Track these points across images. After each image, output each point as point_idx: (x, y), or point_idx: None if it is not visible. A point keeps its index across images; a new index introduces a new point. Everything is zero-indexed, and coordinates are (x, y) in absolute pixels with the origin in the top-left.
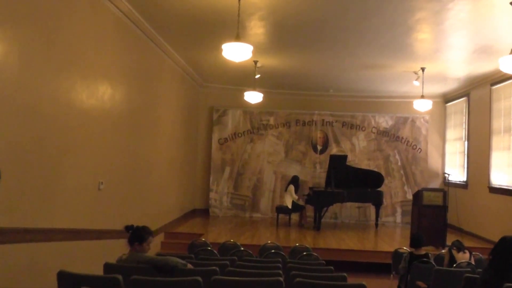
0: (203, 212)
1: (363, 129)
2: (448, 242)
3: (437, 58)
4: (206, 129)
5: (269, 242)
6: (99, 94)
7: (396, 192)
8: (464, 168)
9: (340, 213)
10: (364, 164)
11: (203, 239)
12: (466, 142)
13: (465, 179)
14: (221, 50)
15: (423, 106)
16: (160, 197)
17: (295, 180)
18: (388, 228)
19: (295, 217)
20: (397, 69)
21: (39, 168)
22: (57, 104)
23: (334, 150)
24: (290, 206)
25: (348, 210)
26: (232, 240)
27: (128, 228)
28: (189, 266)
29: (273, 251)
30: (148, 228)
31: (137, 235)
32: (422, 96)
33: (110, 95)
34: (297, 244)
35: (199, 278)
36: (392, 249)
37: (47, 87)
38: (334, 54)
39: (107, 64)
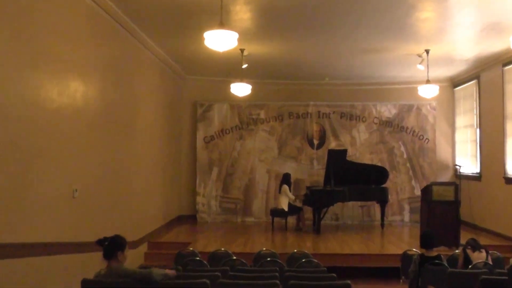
0: (190, 218)
1: (364, 120)
2: (462, 241)
3: (442, 38)
4: (190, 126)
5: (264, 249)
6: (71, 91)
7: (403, 188)
8: (476, 158)
9: (341, 213)
10: (366, 159)
11: (191, 249)
12: (478, 129)
13: (478, 170)
14: (203, 39)
15: (429, 91)
16: (141, 203)
17: (286, 178)
18: (395, 228)
19: (292, 220)
20: (399, 52)
21: (5, 175)
22: (24, 103)
23: (332, 144)
24: (286, 209)
25: (350, 210)
26: (223, 249)
27: (102, 241)
28: (172, 272)
29: (268, 259)
30: (122, 236)
31: (114, 245)
32: (428, 81)
33: (83, 92)
34: (295, 250)
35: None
36: (400, 251)
37: (12, 84)
38: (329, 38)
39: (79, 58)
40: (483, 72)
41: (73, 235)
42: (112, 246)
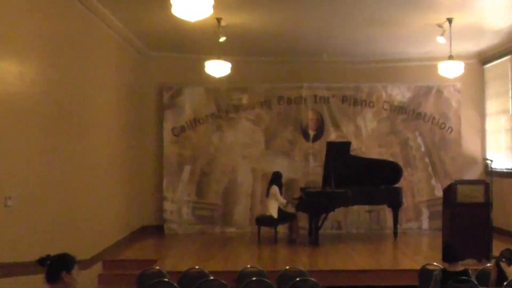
0: (156, 230)
1: (371, 105)
2: (495, 252)
3: (469, 4)
4: (155, 115)
5: (249, 266)
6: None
7: (420, 188)
8: None
9: (344, 220)
10: (375, 153)
11: (158, 268)
12: None
13: None
14: (170, 6)
15: (452, 70)
16: (95, 212)
17: (276, 178)
18: (411, 238)
19: (283, 230)
20: (415, 23)
21: None
22: None
23: (332, 135)
24: (275, 215)
25: (355, 216)
26: (197, 267)
27: (43, 260)
28: None
29: (254, 278)
30: (69, 254)
31: (58, 264)
32: (451, 57)
33: (17, 75)
34: (287, 267)
35: None
36: (418, 266)
37: None
38: (327, 6)
39: (12, 33)
40: None
41: (6, 253)
42: (55, 266)
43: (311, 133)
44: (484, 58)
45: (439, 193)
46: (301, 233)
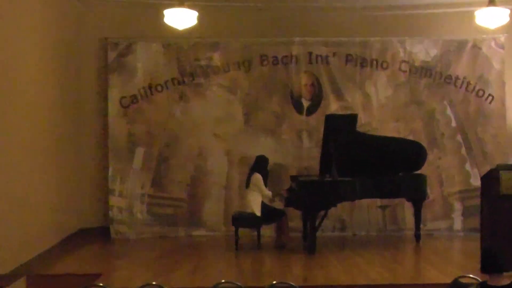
0: (100, 234)
1: (385, 66)
2: None
3: None
4: (97, 81)
5: (223, 281)
6: None
7: (451, 176)
8: None
9: (350, 219)
10: (390, 129)
11: (101, 285)
12: None
13: None
14: None
15: (493, 19)
16: (16, 212)
17: (260, 164)
18: (438, 241)
19: (269, 232)
20: None
21: None
22: None
23: (332, 107)
24: (258, 213)
25: (364, 213)
26: (155, 283)
27: None
28: None
29: None
30: None
31: None
32: (492, 2)
33: None
34: (274, 282)
35: None
36: (448, 280)
37: None
38: None
39: None
40: None
41: None
42: None
43: (305, 103)
44: None
45: (475, 182)
46: (293, 236)
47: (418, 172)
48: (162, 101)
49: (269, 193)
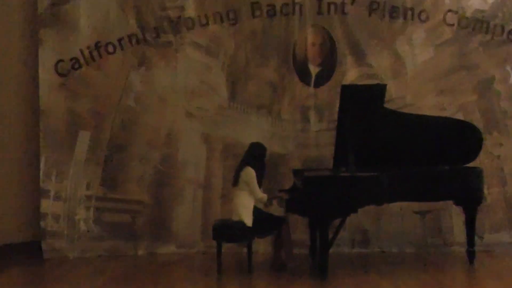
0: (28, 251)
1: (424, 17)
2: None
3: None
4: (24, 39)
5: None
6: None
7: None
8: None
9: (375, 230)
10: (430, 105)
11: None
12: None
13: None
14: None
15: None
16: None
17: (255, 155)
18: (500, 261)
19: (263, 246)
20: None
21: None
22: None
23: (351, 74)
24: (249, 221)
25: (395, 221)
26: None
27: None
28: None
29: None
30: None
31: None
32: None
33: None
34: None
35: None
36: None
37: None
38: None
39: None
40: None
41: None
42: None
43: (313, 70)
44: None
45: None
46: (296, 254)
47: (471, 164)
48: (115, 66)
49: (263, 195)
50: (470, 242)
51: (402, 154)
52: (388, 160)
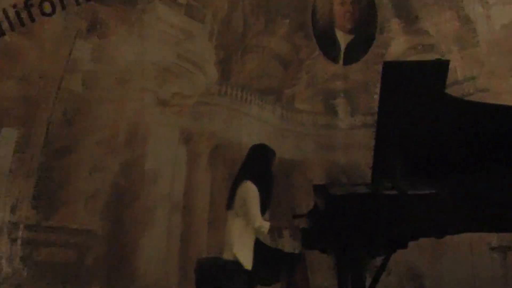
0: None
1: None
2: None
3: None
4: None
5: None
6: None
7: None
8: None
9: (433, 273)
10: None
11: None
12: None
13: None
14: None
15: None
16: None
17: (257, 163)
18: None
19: None
20: None
21: None
22: None
23: (397, 45)
24: (246, 261)
25: (461, 261)
26: None
27: None
28: None
29: None
30: None
31: None
32: None
33: None
34: None
35: None
36: None
37: None
38: None
39: None
40: None
41: None
42: None
43: (342, 38)
44: None
45: None
46: None
47: None
48: (54, 34)
49: (264, 222)
50: None
51: (472, 160)
52: (452, 170)
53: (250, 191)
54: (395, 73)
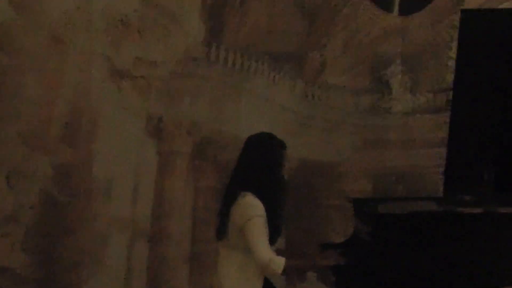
0: None
1: None
2: None
3: None
4: None
5: None
6: None
7: None
8: None
9: None
10: None
11: None
12: None
13: None
14: None
15: None
16: None
17: (263, 165)
18: None
19: None
20: None
21: None
22: None
23: None
24: None
25: None
26: None
27: None
28: None
29: None
30: None
31: None
32: None
33: None
34: None
35: None
36: None
37: None
38: None
39: None
40: None
41: None
42: None
43: None
44: None
45: None
46: None
47: None
48: None
49: (278, 259)
50: None
51: None
52: None
53: (251, 209)
54: (478, 27)
